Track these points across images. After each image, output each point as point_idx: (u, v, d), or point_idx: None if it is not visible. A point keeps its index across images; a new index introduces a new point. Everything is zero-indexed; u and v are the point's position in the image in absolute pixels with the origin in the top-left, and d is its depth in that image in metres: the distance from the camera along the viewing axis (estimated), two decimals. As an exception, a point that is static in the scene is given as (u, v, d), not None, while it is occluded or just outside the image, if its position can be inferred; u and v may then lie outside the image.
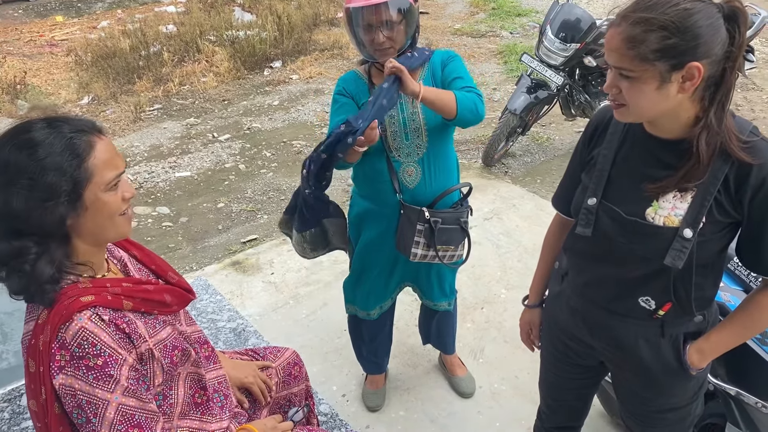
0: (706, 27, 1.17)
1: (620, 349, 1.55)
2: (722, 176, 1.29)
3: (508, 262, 3.64)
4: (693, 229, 1.31)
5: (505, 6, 9.23)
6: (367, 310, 2.47)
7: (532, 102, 4.52)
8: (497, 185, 4.59)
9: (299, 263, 3.65)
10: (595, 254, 1.50)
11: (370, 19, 1.95)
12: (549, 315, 1.77)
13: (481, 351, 2.98)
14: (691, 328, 1.49)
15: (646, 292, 1.44)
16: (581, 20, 4.33)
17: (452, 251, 2.25)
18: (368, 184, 2.26)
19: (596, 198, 1.43)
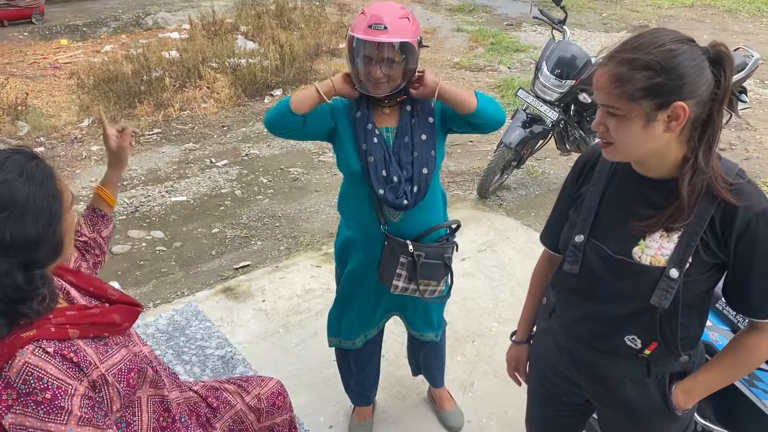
0: (691, 68, 1.20)
1: (606, 387, 1.54)
2: (708, 217, 1.30)
3: (501, 295, 3.63)
4: (679, 270, 1.32)
5: (503, 41, 9.36)
6: (351, 339, 2.46)
7: (527, 136, 4.57)
8: (491, 217, 4.60)
9: (291, 291, 3.64)
10: (582, 291, 1.50)
11: (371, 53, 1.97)
12: (536, 351, 1.76)
13: (470, 385, 2.96)
14: (677, 368, 1.49)
15: (632, 331, 1.44)
16: (577, 57, 4.40)
17: (434, 286, 2.24)
18: (353, 215, 2.27)
19: (584, 235, 1.44)
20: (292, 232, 4.40)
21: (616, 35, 9.76)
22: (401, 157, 2.08)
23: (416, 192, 2.08)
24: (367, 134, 2.09)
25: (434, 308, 2.47)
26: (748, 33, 9.82)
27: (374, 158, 2.08)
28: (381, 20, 1.94)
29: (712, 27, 10.20)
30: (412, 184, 2.08)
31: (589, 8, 11.71)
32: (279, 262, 4.01)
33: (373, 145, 2.08)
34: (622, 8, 11.75)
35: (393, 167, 2.07)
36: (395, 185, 2.07)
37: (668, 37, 1.22)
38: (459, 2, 12.31)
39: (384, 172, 2.07)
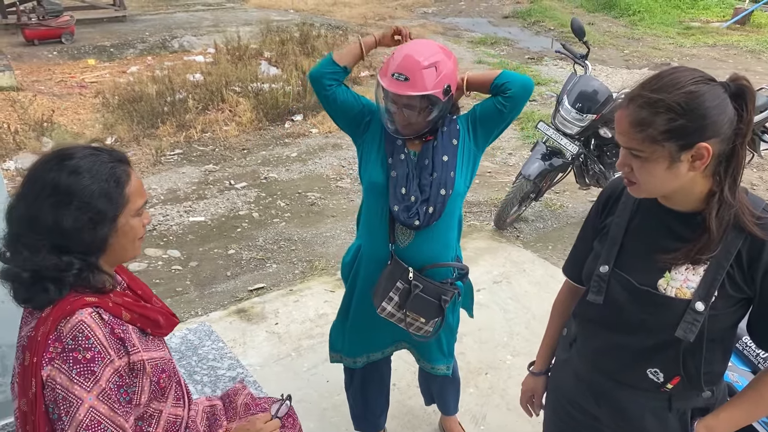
0: (712, 108, 1.20)
1: (626, 420, 1.51)
2: (735, 251, 1.29)
3: (516, 328, 3.59)
4: (705, 303, 1.31)
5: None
6: (352, 356, 2.43)
7: (546, 169, 4.56)
8: (508, 249, 4.57)
9: (304, 315, 3.63)
10: (605, 322, 1.49)
11: (395, 99, 1.99)
12: (554, 383, 1.74)
13: (483, 418, 2.91)
14: (699, 404, 1.46)
15: (655, 364, 1.43)
16: (598, 92, 4.40)
17: (421, 323, 2.20)
18: (366, 228, 2.28)
19: (608, 266, 1.43)
20: (308, 256, 4.41)
21: (637, 72, 9.77)
22: (421, 178, 2.09)
23: (431, 213, 2.07)
24: (395, 149, 2.12)
25: (444, 336, 2.43)
26: (770, 74, 9.79)
27: (397, 173, 2.09)
28: (403, 71, 1.94)
29: (734, 67, 10.18)
30: (427, 205, 2.07)
31: (611, 45, 11.76)
32: (293, 285, 4.00)
33: (399, 162, 2.10)
34: (644, 45, 11.78)
35: (412, 186, 2.08)
36: (410, 204, 2.07)
37: (688, 77, 1.21)
38: (481, 35, 12.43)
39: (403, 189, 2.08)
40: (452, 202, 2.13)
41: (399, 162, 2.10)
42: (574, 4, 15.33)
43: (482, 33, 12.65)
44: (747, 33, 12.88)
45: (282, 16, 13.66)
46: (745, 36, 12.55)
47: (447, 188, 2.07)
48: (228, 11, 14.20)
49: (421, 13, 14.90)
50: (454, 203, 2.15)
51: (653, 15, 14.20)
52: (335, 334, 2.49)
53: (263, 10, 14.39)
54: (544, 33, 12.82)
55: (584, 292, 1.53)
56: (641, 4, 14.52)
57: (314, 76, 2.14)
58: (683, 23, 13.91)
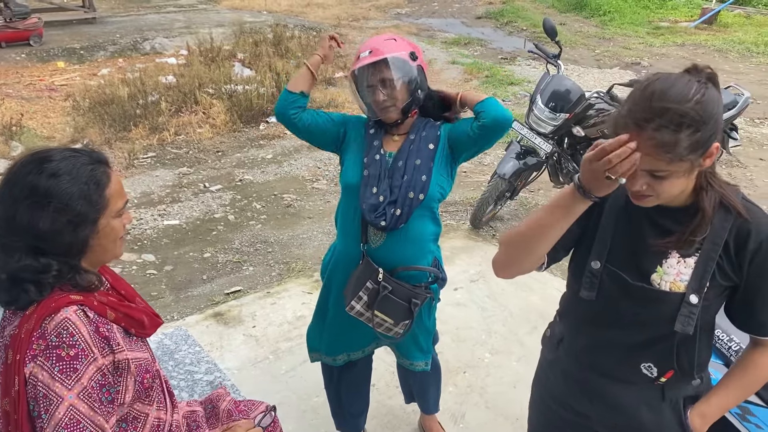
0: (718, 106, 1.21)
1: (622, 415, 1.53)
2: (722, 242, 1.33)
3: (493, 326, 3.61)
4: (698, 295, 1.34)
5: (498, 74, 9.48)
6: (331, 355, 2.43)
7: (521, 168, 4.59)
8: (484, 248, 4.60)
9: (281, 317, 3.61)
10: (597, 318, 1.49)
11: (368, 80, 2.07)
12: (541, 385, 1.74)
13: (462, 416, 2.93)
14: (690, 392, 1.50)
15: (649, 359, 1.45)
16: (571, 91, 4.45)
17: (390, 324, 2.20)
18: (342, 228, 2.29)
19: (600, 262, 1.44)
20: (284, 258, 4.38)
21: (608, 71, 9.91)
22: (393, 180, 2.10)
23: (398, 215, 2.08)
24: (371, 150, 2.16)
25: (421, 334, 2.43)
26: (738, 72, 9.99)
27: (369, 172, 2.13)
28: (367, 48, 2.08)
29: (702, 66, 10.37)
30: (395, 207, 2.08)
31: (583, 44, 11.90)
32: (270, 287, 3.98)
33: (373, 161, 2.13)
34: (615, 45, 11.95)
35: (382, 185, 2.10)
36: (377, 203, 2.09)
37: (682, 83, 1.20)
38: (455, 36, 12.50)
39: (374, 188, 2.10)
40: (425, 207, 2.14)
41: (373, 161, 2.13)
42: (546, 4, 15.49)
43: (456, 33, 12.73)
44: (714, 32, 13.13)
45: (255, 17, 13.59)
46: (713, 35, 12.80)
47: (416, 192, 2.08)
48: (200, 12, 14.09)
49: (394, 14, 14.93)
50: (428, 207, 2.16)
51: (623, 15, 14.42)
52: (313, 333, 2.49)
53: (236, 12, 14.30)
54: (516, 33, 12.93)
55: (572, 289, 1.53)
56: (611, 5, 14.73)
57: (279, 112, 2.22)
58: (652, 23, 14.15)
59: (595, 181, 1.22)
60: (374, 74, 2.05)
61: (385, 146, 2.17)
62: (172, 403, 1.65)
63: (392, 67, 2.04)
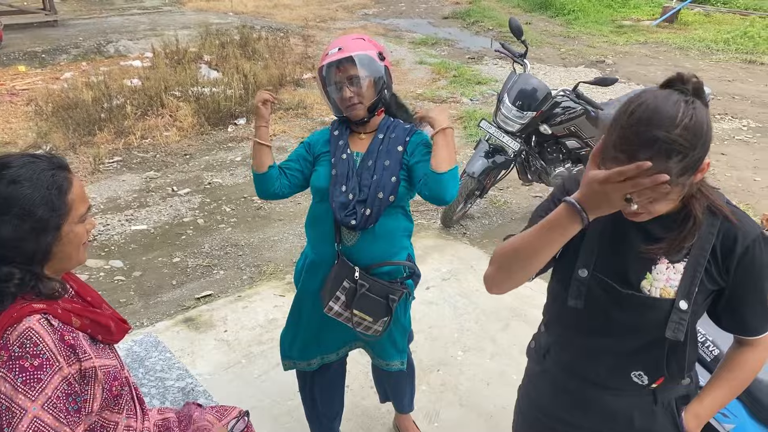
0: (707, 125, 1.18)
1: (615, 423, 1.52)
2: (710, 246, 1.33)
3: (466, 324, 3.63)
4: (688, 301, 1.34)
5: (465, 74, 9.54)
6: (305, 359, 2.42)
7: (489, 166, 4.63)
8: (456, 246, 4.63)
9: (253, 321, 3.58)
10: (585, 327, 1.48)
11: (336, 77, 2.09)
12: (529, 398, 1.71)
13: (436, 415, 2.94)
14: (681, 392, 1.51)
15: (639, 367, 1.44)
16: (537, 90, 4.50)
17: (369, 323, 2.21)
18: (314, 232, 2.29)
19: (587, 270, 1.41)
20: (255, 261, 4.35)
21: (574, 70, 10.04)
22: (362, 179, 2.11)
23: (368, 215, 2.10)
24: (338, 149, 2.17)
25: (396, 333, 2.45)
26: (698, 69, 10.21)
27: (337, 171, 2.14)
28: (335, 45, 2.10)
29: (665, 63, 10.58)
30: (364, 207, 2.10)
31: (548, 43, 12.04)
32: (241, 291, 3.95)
33: (341, 161, 2.16)
34: (580, 44, 12.12)
35: (351, 183, 2.11)
36: (347, 201, 2.10)
37: (669, 104, 1.16)
38: (422, 36, 12.53)
39: (343, 187, 2.12)
40: (396, 205, 2.15)
41: (340, 161, 2.15)
42: (512, 4, 15.65)
43: (423, 34, 12.77)
44: (675, 30, 13.41)
45: (221, 19, 13.45)
46: (674, 33, 13.06)
47: (386, 193, 2.10)
48: (165, 14, 13.90)
49: (362, 15, 14.93)
50: (399, 206, 2.18)
51: (587, 14, 14.64)
52: (286, 340, 2.48)
53: (201, 13, 14.15)
54: (483, 33, 13.03)
55: (558, 297, 1.50)
56: (575, 4, 14.95)
57: (262, 196, 2.27)
58: (616, 22, 14.38)
59: (605, 203, 1.16)
60: (342, 71, 2.08)
61: (352, 146, 2.19)
62: (142, 410, 1.63)
63: (360, 65, 2.06)
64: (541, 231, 1.28)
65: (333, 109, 2.20)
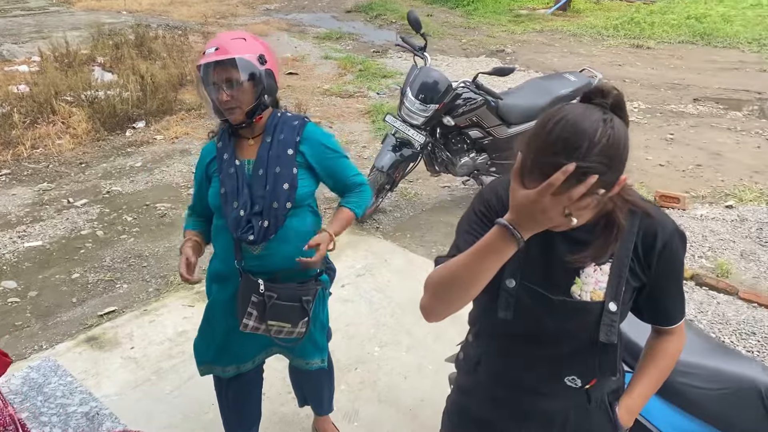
0: (624, 142, 1.17)
1: (552, 426, 1.53)
2: (632, 245, 1.35)
3: (382, 319, 3.64)
4: (617, 302, 1.35)
5: (371, 68, 9.56)
6: (221, 365, 2.35)
7: (398, 159, 4.66)
8: (369, 241, 4.63)
9: (162, 335, 3.44)
10: (516, 336, 1.46)
11: (212, 78, 1.99)
12: (461, 411, 1.68)
13: (355, 413, 2.93)
14: (612, 387, 1.53)
15: (572, 371, 1.45)
16: (439, 82, 4.56)
17: (289, 328, 2.18)
18: (217, 242, 2.23)
19: (515, 280, 1.39)
20: (161, 272, 4.18)
21: (476, 60, 10.26)
22: (255, 190, 2.05)
23: (266, 227, 2.05)
24: (224, 164, 2.09)
25: (317, 329, 2.40)
26: (591, 55, 10.69)
27: (226, 189, 2.07)
28: (213, 44, 1.99)
29: (560, 50, 11.01)
30: (261, 219, 2.04)
31: (450, 35, 12.25)
32: (148, 305, 3.78)
33: (228, 176, 2.08)
34: (480, 34, 12.40)
35: (242, 198, 2.05)
36: (240, 218, 2.05)
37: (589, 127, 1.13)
38: (326, 30, 12.45)
39: (235, 203, 2.05)
40: (298, 206, 2.11)
41: (228, 177, 2.08)
42: (413, -4, 15.83)
43: (327, 28, 12.69)
44: (569, 18, 13.98)
45: (114, 18, 12.85)
46: (567, 21, 13.61)
47: (281, 201, 2.05)
48: (52, 15, 13.13)
49: (263, 10, 14.66)
50: (302, 205, 2.13)
51: (486, 5, 15.03)
52: (200, 346, 2.39)
53: (92, 13, 13.46)
54: (386, 26, 13.10)
55: (487, 308, 1.46)
56: (474, -6, 15.30)
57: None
58: (513, 11, 14.83)
59: (544, 220, 1.14)
60: (219, 73, 1.98)
61: (241, 154, 2.11)
62: None
63: (236, 69, 1.97)
64: (476, 256, 1.24)
65: (212, 110, 2.08)
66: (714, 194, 5.35)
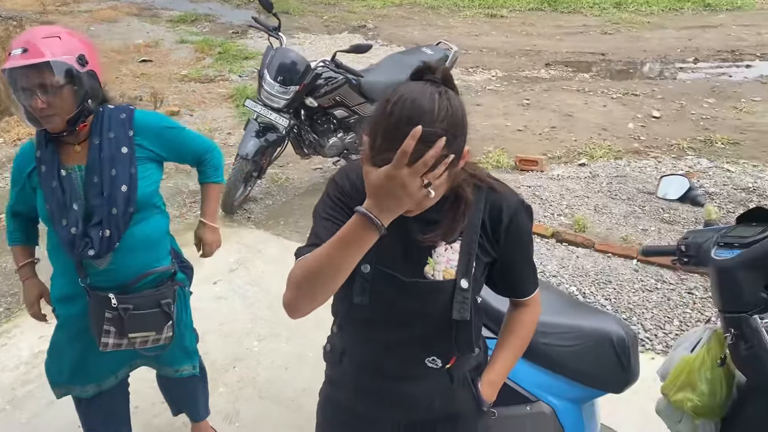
0: (462, 112, 1.17)
1: (417, 409, 1.52)
2: (480, 222, 1.36)
3: (258, 312, 3.54)
4: (468, 279, 1.36)
5: (231, 50, 9.23)
6: (78, 384, 2.16)
7: (263, 145, 4.52)
8: (240, 233, 4.49)
9: (16, 359, 3.14)
10: (375, 322, 1.45)
11: (23, 83, 1.74)
12: (333, 405, 1.65)
13: (236, 414, 2.83)
14: (473, 364, 1.54)
15: (432, 352, 1.45)
16: (297, 63, 4.45)
17: (154, 336, 2.05)
18: (55, 260, 2.03)
19: (370, 265, 1.37)
20: (12, 289, 3.81)
21: (338, 36, 10.20)
22: (91, 199, 1.88)
23: (108, 237, 1.88)
24: (45, 178, 1.88)
25: (184, 333, 2.27)
26: (449, 27, 10.95)
27: (51, 207, 1.88)
28: (20, 44, 1.74)
29: (420, 23, 11.18)
30: (101, 228, 1.87)
31: (311, 12, 12.08)
32: (-3, 327, 3.44)
33: (51, 191, 1.87)
34: (341, 10, 12.33)
35: (71, 215, 1.87)
36: (71, 237, 1.87)
37: (427, 104, 1.14)
38: (180, 13, 11.86)
39: (63, 221, 1.86)
40: (143, 209, 1.96)
41: (51, 192, 1.88)
42: (270, -27, 15.40)
43: (181, 10, 12.10)
44: (427, -9, 14.22)
45: (-67, 9, 11.50)
46: (426, -6, 13.85)
47: (120, 207, 1.89)
48: None
49: (109, -6, 13.71)
50: (146, 211, 1.99)
51: (344, -20, 14.93)
52: (52, 367, 2.18)
53: None
54: (244, 6, 12.69)
55: (345, 296, 1.44)
56: (332, -30, 15.14)
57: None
58: (372, -15, 14.87)
59: (404, 198, 1.11)
60: (29, 77, 1.73)
61: (66, 161, 1.91)
62: None
63: (53, 73, 1.75)
64: (338, 248, 1.20)
65: (25, 118, 1.83)
66: (568, 154, 5.67)
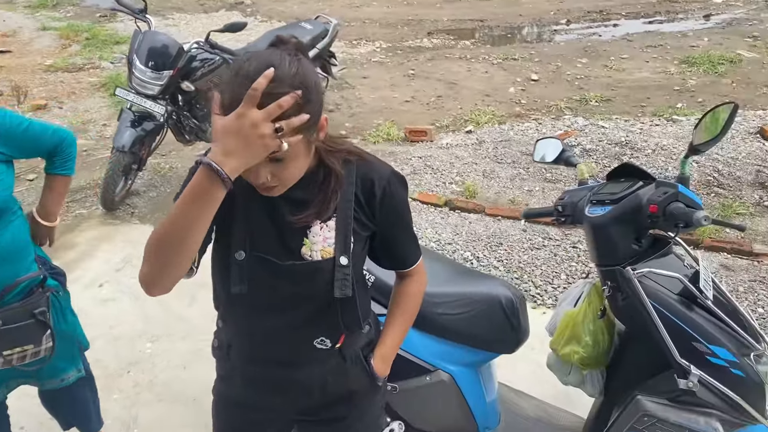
0: (315, 77, 1.16)
1: (312, 394, 1.49)
2: (353, 197, 1.34)
3: (149, 311, 3.38)
4: (347, 255, 1.33)
5: (100, 35, 8.69)
6: None
7: (140, 135, 4.28)
8: (124, 230, 4.27)
9: None
10: (256, 309, 1.40)
11: None
12: (226, 401, 1.59)
13: (134, 420, 2.70)
14: (363, 341, 1.53)
15: (319, 333, 1.42)
16: (168, 46, 4.23)
17: (32, 349, 1.91)
18: None
19: (245, 251, 1.32)
20: None
21: (215, 15, 9.82)
22: None
23: None
24: None
25: (62, 339, 2.09)
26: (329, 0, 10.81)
27: None
28: None
29: None
30: None
31: (184, -10, 11.55)
32: None
33: None
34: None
35: None
36: None
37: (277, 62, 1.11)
38: (39, -3, 11.00)
39: None
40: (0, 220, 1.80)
41: None
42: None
43: (40, -5, 11.21)
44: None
45: None
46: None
47: None
48: None
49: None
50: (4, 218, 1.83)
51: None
52: None
53: None
54: (111, -14, 11.93)
55: (220, 290, 1.41)
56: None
57: None
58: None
59: (255, 145, 1.05)
60: None
61: None
62: None
63: None
64: (184, 206, 1.11)
65: None
66: (455, 122, 5.78)
